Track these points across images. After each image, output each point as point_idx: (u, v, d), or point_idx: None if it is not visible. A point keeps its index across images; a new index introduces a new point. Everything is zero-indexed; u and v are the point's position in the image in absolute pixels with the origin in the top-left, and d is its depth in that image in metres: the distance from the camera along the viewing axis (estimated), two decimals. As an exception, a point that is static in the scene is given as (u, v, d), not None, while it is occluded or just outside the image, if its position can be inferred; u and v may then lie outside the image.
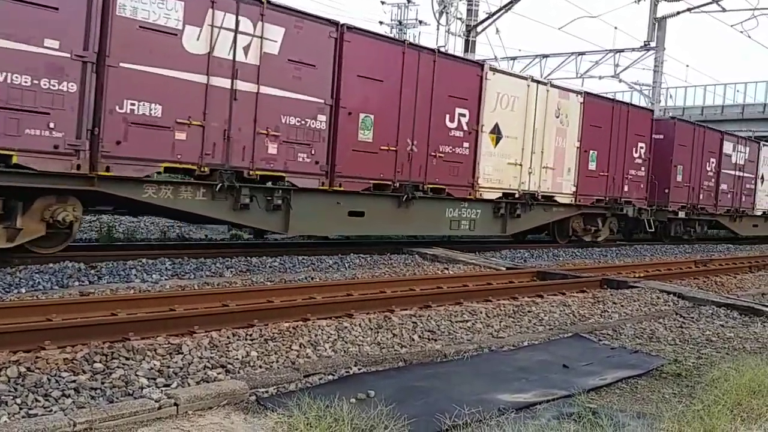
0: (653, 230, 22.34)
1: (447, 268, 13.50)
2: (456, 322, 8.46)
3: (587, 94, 19.39)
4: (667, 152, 22.44)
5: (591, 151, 19.19)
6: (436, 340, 7.64)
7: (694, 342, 8.44)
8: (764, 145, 28.02)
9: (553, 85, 18.24)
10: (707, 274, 15.50)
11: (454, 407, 5.05)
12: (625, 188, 20.59)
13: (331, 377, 5.95)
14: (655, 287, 11.83)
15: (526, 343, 7.76)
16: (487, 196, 16.16)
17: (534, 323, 9.00)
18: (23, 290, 8.60)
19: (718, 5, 30.46)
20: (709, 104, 44.19)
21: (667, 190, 22.56)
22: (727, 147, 25.49)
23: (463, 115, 15.31)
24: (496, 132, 16.22)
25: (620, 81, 34.90)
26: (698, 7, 31.14)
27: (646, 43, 32.29)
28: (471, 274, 12.63)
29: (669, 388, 6.29)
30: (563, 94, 18.28)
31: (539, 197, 17.65)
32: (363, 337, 7.32)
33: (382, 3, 44.43)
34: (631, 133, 20.44)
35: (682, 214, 23.38)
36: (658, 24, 32.05)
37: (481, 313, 9.01)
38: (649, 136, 21.40)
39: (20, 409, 4.65)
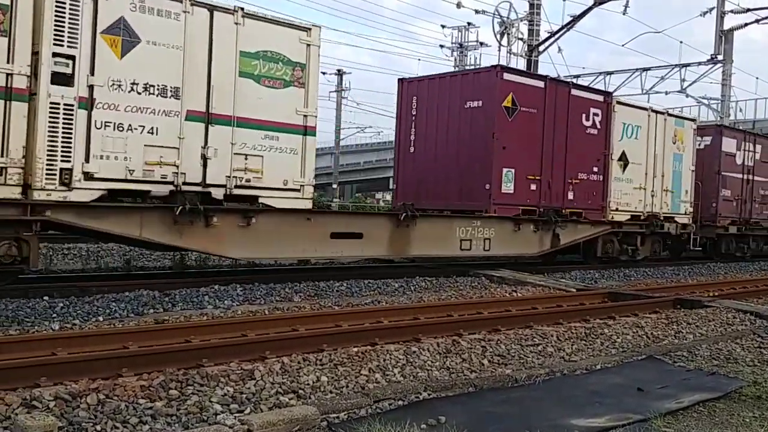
0: None
1: (515, 291, 13.38)
2: (526, 345, 8.36)
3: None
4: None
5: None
6: (506, 365, 7.56)
7: (775, 363, 8.16)
8: None
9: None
10: (785, 292, 14.94)
11: (527, 433, 5.00)
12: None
13: (401, 402, 5.94)
14: (731, 306, 11.48)
15: (599, 367, 7.62)
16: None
17: (606, 346, 8.83)
18: (101, 318, 8.86)
19: (788, 15, 29.67)
20: (780, 117, 42.84)
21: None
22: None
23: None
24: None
25: (687, 96, 34.30)
26: (766, 18, 30.38)
27: (713, 56, 31.63)
28: (540, 296, 12.48)
29: (749, 411, 6.10)
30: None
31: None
32: (432, 361, 7.29)
33: (443, 27, 44.72)
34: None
35: None
36: (725, 37, 31.38)
37: (551, 336, 8.89)
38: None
39: (101, 435, 4.79)
